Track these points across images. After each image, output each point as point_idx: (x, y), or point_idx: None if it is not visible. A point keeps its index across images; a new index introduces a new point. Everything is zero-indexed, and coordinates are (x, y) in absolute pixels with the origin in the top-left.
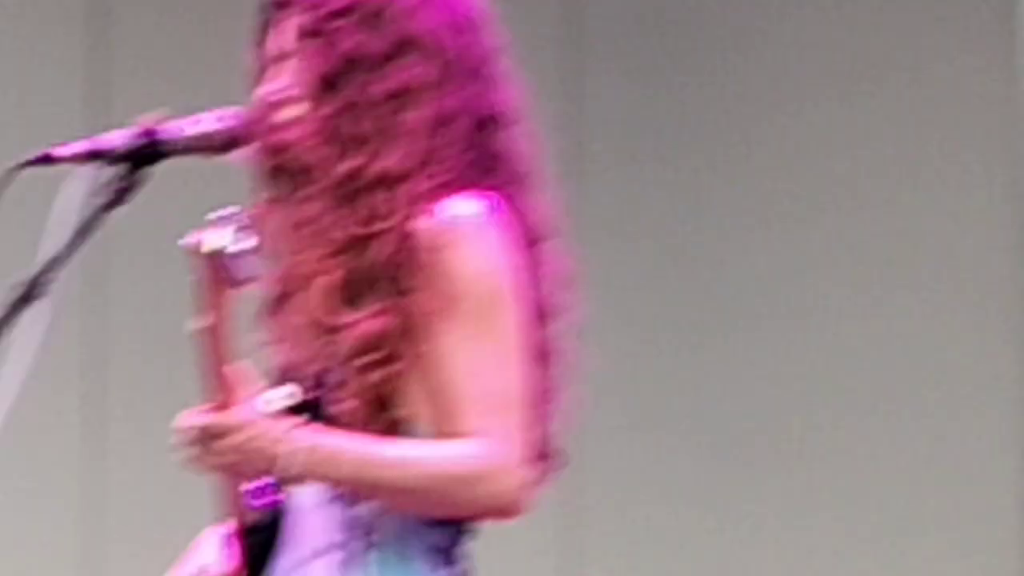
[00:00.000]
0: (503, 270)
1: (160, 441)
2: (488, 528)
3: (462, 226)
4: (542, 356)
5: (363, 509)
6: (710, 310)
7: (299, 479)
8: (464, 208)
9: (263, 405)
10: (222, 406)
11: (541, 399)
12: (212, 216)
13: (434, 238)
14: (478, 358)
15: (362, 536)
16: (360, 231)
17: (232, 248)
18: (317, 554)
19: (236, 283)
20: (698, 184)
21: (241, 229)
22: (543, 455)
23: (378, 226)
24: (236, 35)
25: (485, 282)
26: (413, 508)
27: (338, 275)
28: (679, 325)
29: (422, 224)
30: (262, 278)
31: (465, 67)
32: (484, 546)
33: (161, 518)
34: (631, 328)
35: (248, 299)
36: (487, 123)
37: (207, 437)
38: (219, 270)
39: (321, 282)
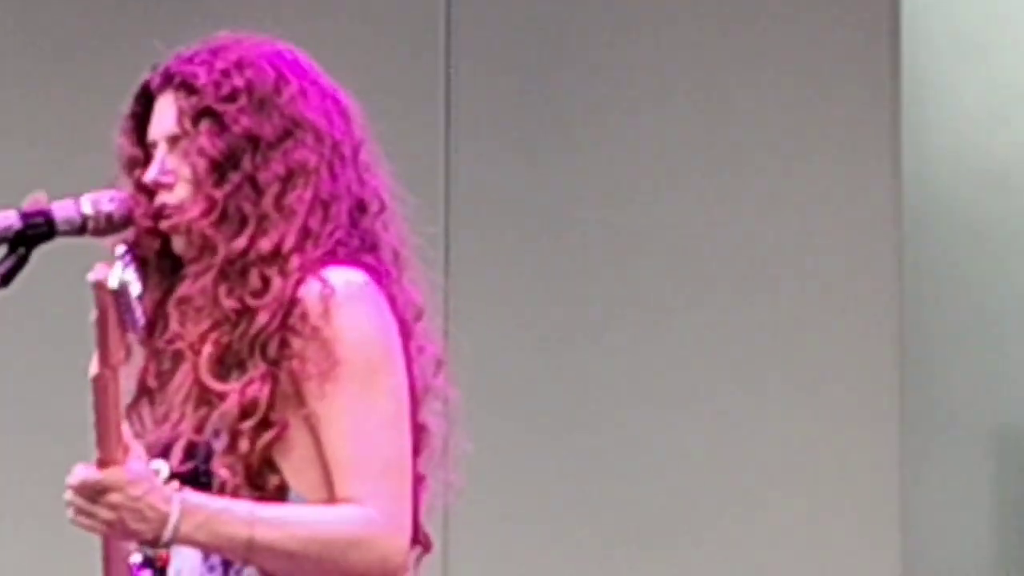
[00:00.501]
0: (384, 336)
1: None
2: None
3: (345, 293)
4: (415, 437)
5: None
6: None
7: (186, 539)
8: (347, 276)
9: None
10: (112, 461)
11: (415, 485)
12: (118, 251)
13: (317, 304)
14: (360, 422)
15: None
16: (252, 303)
17: (134, 286)
18: None
19: (133, 327)
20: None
21: (137, 271)
22: (413, 539)
23: (269, 297)
24: (95, 117)
25: (368, 347)
26: (295, 571)
27: (222, 344)
28: (550, 403)
29: (307, 291)
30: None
31: (344, 153)
32: None
33: None
34: (501, 412)
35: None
36: (363, 206)
37: (99, 492)
38: (120, 309)
39: (207, 351)
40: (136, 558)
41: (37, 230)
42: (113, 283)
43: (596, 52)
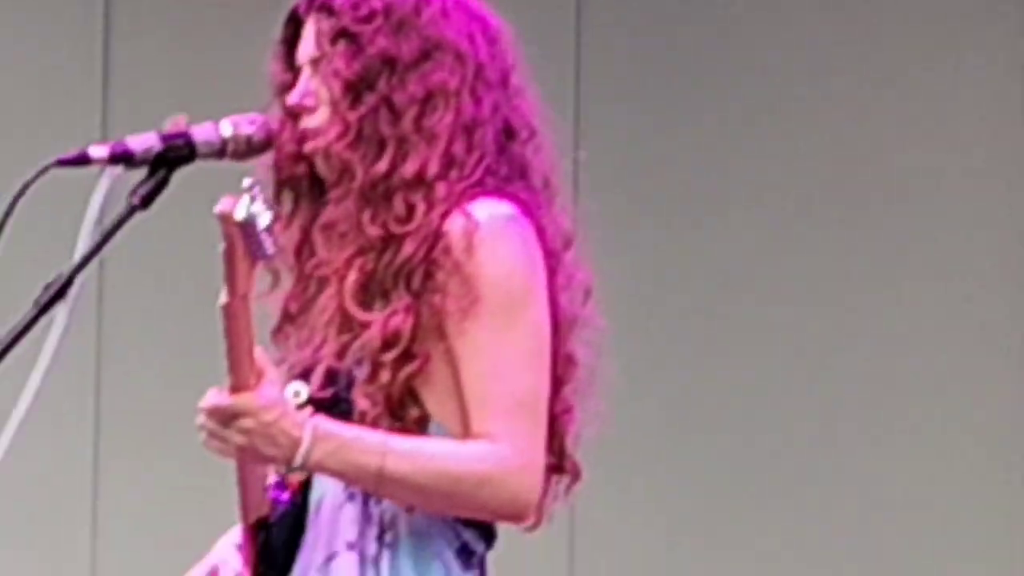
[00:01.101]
0: (530, 272)
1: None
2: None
3: (489, 227)
4: (562, 367)
5: (381, 508)
6: (717, 318)
7: (317, 466)
8: (494, 209)
9: (290, 395)
10: (245, 387)
11: (560, 411)
12: (245, 183)
13: (461, 239)
14: (500, 359)
15: (377, 536)
16: (397, 230)
17: (263, 218)
18: (333, 555)
19: (261, 257)
20: (701, 190)
21: (266, 202)
22: (559, 468)
23: (413, 224)
24: (241, 43)
25: (508, 284)
26: (424, 505)
27: (367, 271)
28: (683, 331)
29: (451, 224)
30: (279, 258)
31: (489, 77)
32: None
33: (162, 523)
34: (639, 340)
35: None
36: (509, 133)
37: (230, 417)
38: (249, 240)
39: (351, 278)
40: (272, 479)
41: (177, 152)
42: (239, 215)
43: (729, 11)
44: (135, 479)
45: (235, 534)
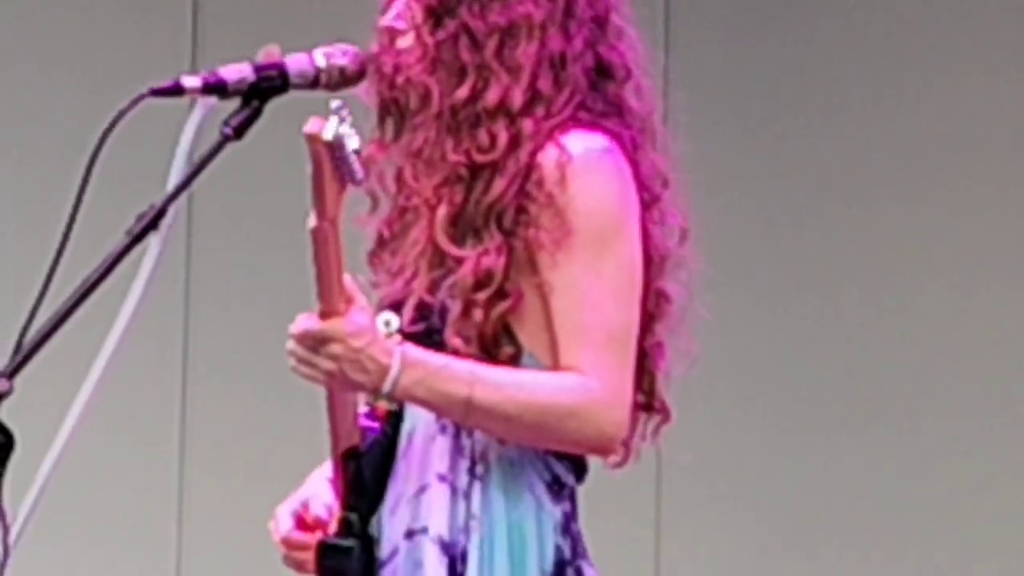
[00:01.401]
0: (622, 205)
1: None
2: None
3: (582, 160)
4: (654, 303)
5: (472, 440)
6: (823, 270)
7: (404, 394)
8: (586, 142)
9: (380, 325)
10: (334, 313)
11: (651, 348)
12: (333, 105)
13: (554, 171)
14: (591, 291)
15: (469, 468)
16: (480, 159)
17: (351, 139)
18: (425, 486)
19: (350, 179)
20: (795, 128)
21: (354, 125)
22: (648, 406)
23: (496, 154)
24: None
25: (601, 216)
26: (511, 435)
27: (457, 204)
28: (788, 285)
29: (544, 157)
30: (378, 183)
31: (581, 13)
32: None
33: (252, 455)
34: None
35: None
36: (605, 71)
37: (320, 342)
38: (337, 162)
39: (442, 211)
40: (363, 408)
41: (271, 83)
42: (327, 135)
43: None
44: (224, 409)
45: (326, 468)
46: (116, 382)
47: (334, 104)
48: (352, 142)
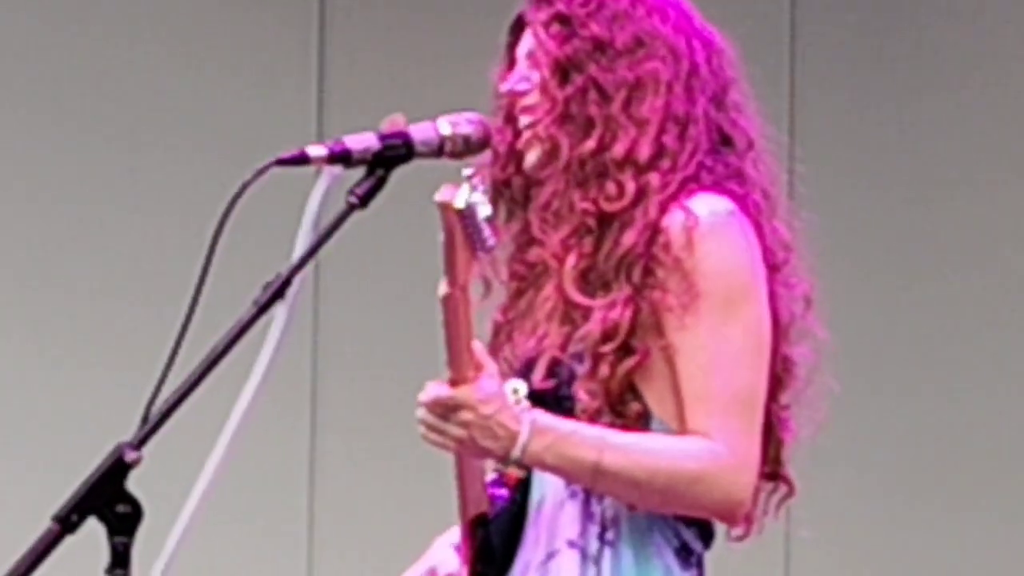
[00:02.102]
0: (747, 268)
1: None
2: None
3: (709, 223)
4: (780, 369)
5: (602, 506)
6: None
7: (534, 460)
8: (711, 205)
9: (508, 392)
10: (464, 380)
11: (778, 417)
12: (465, 172)
13: (681, 234)
14: (718, 355)
15: (599, 534)
16: (608, 207)
17: (483, 207)
18: (554, 552)
19: (481, 247)
20: (921, 205)
21: (486, 193)
22: (773, 475)
23: (624, 203)
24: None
25: (728, 279)
26: (639, 501)
27: (586, 255)
28: (915, 356)
29: (670, 220)
30: (497, 250)
31: (703, 79)
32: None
33: (380, 522)
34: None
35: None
36: (728, 141)
37: (450, 410)
38: (468, 230)
39: (571, 261)
40: (491, 476)
41: (395, 152)
42: (459, 203)
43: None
44: (352, 477)
45: (453, 534)
46: (244, 452)
47: (466, 172)
48: (484, 209)
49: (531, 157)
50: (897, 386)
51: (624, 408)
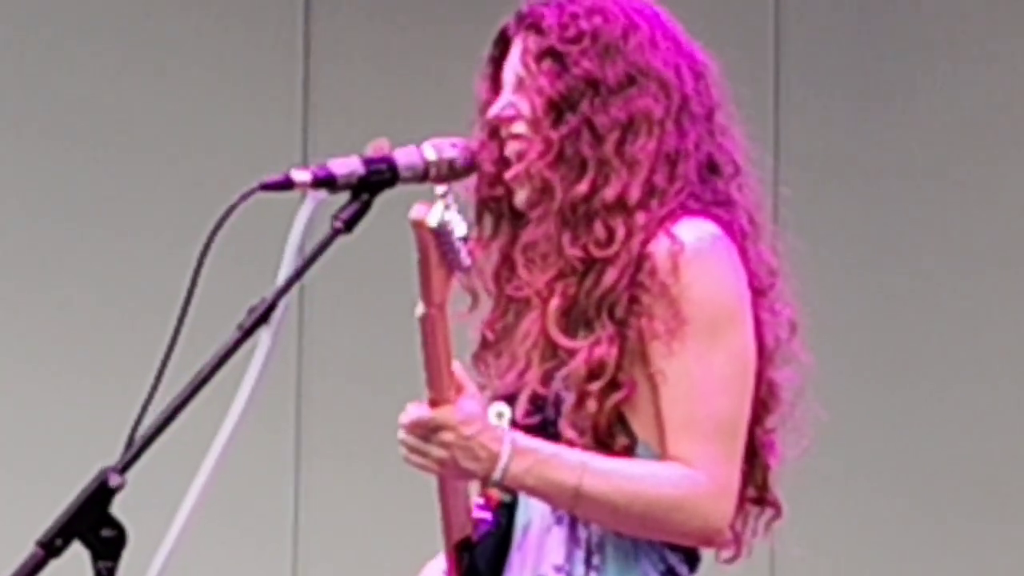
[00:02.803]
0: (732, 293)
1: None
2: None
3: (694, 248)
4: (765, 395)
5: (588, 531)
6: (927, 353)
7: (515, 481)
8: (697, 231)
9: (493, 416)
10: (444, 401)
11: (763, 442)
12: (439, 191)
13: (666, 260)
14: (701, 381)
15: (585, 559)
16: (597, 253)
17: (458, 226)
18: None
19: (457, 267)
20: (902, 223)
21: (461, 211)
22: (760, 500)
23: (613, 249)
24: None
25: (714, 305)
26: (617, 525)
27: (569, 297)
28: (902, 374)
29: (655, 247)
30: (478, 279)
31: (694, 110)
32: None
33: (365, 546)
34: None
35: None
36: (713, 168)
37: (431, 430)
38: (443, 248)
39: (553, 303)
40: (475, 500)
41: (380, 176)
42: (433, 221)
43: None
44: (337, 501)
45: (440, 561)
46: (228, 476)
47: (439, 190)
48: (459, 229)
49: (521, 195)
50: (885, 404)
51: (612, 441)
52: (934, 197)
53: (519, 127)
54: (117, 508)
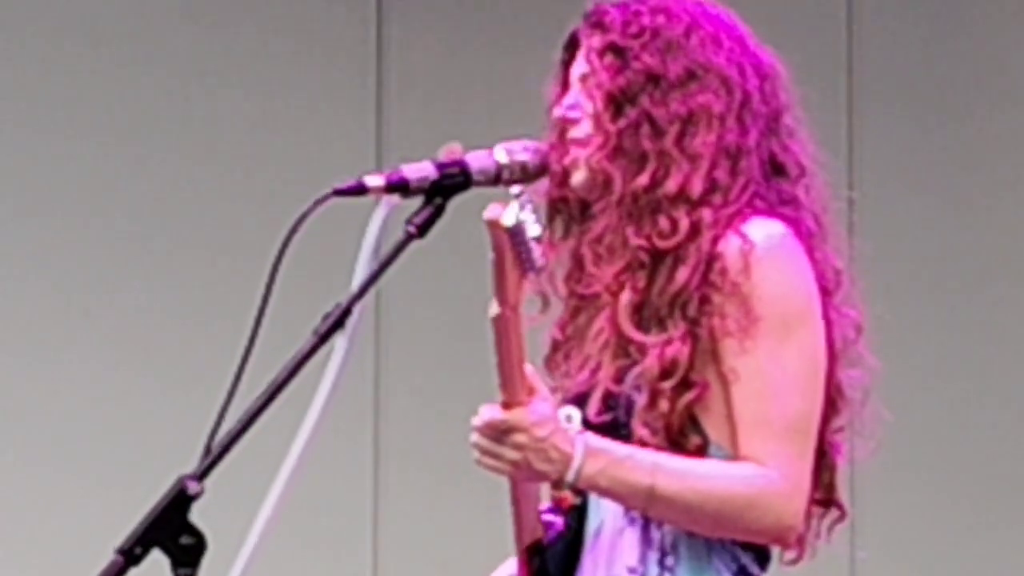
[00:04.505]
0: (803, 291)
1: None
2: None
3: (765, 247)
4: (834, 396)
5: (661, 532)
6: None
7: (588, 482)
8: (767, 229)
9: (562, 418)
10: (517, 403)
11: (830, 443)
12: (513, 191)
13: (737, 259)
14: (773, 380)
15: (659, 560)
16: (661, 244)
17: (532, 226)
18: None
19: (530, 267)
20: (979, 234)
21: (536, 212)
22: (826, 502)
23: (677, 240)
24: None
25: (784, 303)
26: (691, 524)
27: (639, 291)
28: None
29: (726, 246)
30: (553, 266)
31: (756, 109)
32: None
33: (442, 550)
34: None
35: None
36: (778, 169)
37: (504, 432)
38: (517, 248)
39: (625, 298)
40: (545, 504)
41: (453, 180)
42: (508, 221)
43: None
44: (415, 506)
45: (511, 564)
46: (306, 482)
47: (514, 190)
48: (532, 229)
49: (577, 177)
50: (962, 405)
51: (684, 441)
52: (1013, 200)
53: (582, 129)
54: (196, 515)
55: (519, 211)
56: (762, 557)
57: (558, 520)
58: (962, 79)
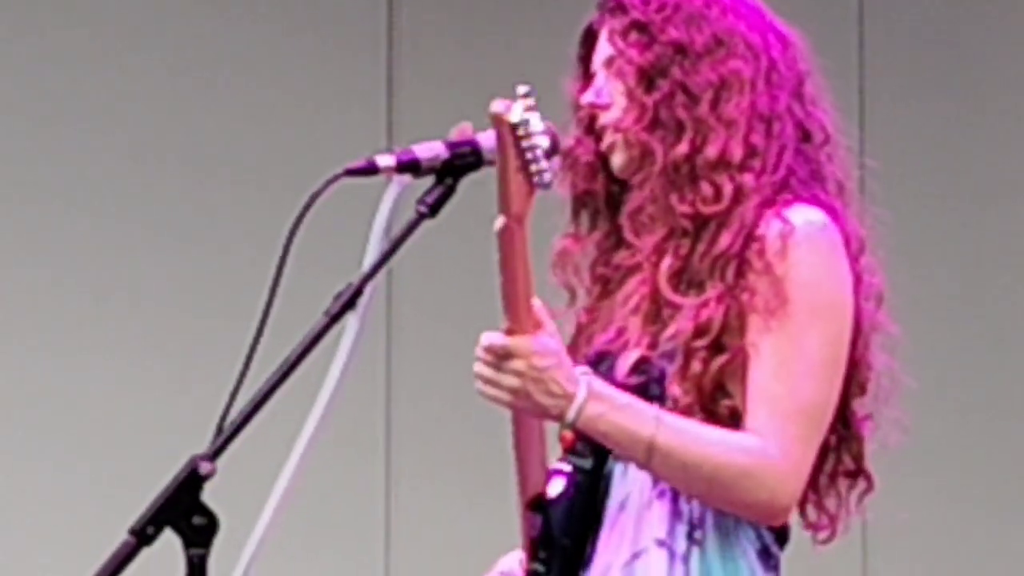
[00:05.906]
0: (834, 282)
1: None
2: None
3: (804, 232)
4: (863, 374)
5: (690, 505)
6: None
7: (588, 424)
8: (810, 215)
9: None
10: (521, 331)
11: (860, 418)
12: (521, 90)
13: (776, 241)
14: (790, 362)
15: (687, 533)
16: (706, 210)
17: (540, 138)
18: (640, 552)
19: (539, 182)
20: (993, 197)
21: (544, 121)
22: (855, 473)
23: (722, 206)
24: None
25: (814, 291)
26: (683, 485)
27: (682, 257)
28: (992, 350)
29: (767, 227)
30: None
31: (782, 73)
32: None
33: (454, 530)
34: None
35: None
36: (807, 135)
37: (504, 356)
38: (522, 150)
39: (666, 263)
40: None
41: (464, 160)
42: (514, 117)
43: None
44: (427, 486)
45: (512, 559)
46: (319, 463)
47: (521, 89)
48: (540, 139)
49: (618, 159)
50: (973, 383)
51: (715, 406)
52: (1020, 173)
53: (613, 113)
54: (208, 496)
55: (525, 111)
56: (781, 538)
57: (566, 468)
58: (973, 56)
